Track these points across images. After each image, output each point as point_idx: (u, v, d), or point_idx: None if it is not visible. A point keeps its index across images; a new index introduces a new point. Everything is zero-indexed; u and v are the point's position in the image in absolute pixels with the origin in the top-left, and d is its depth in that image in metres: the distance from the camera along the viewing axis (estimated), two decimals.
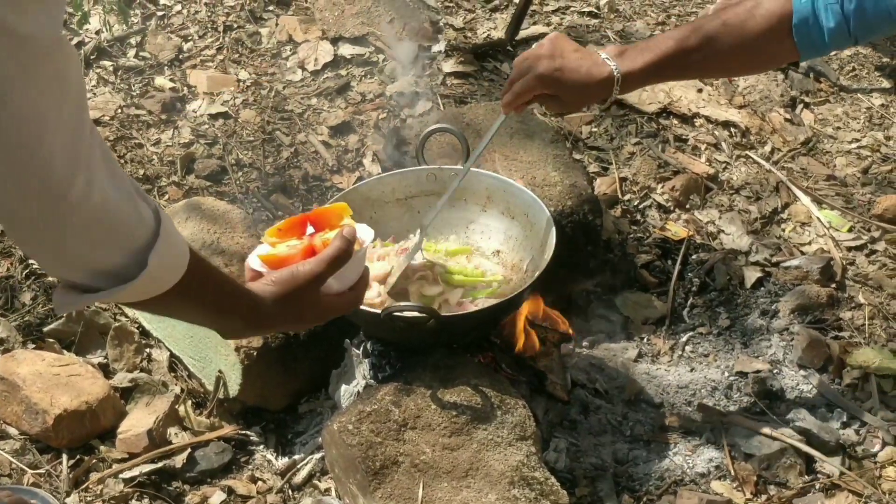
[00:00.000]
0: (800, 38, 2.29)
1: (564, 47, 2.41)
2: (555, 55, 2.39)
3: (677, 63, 2.38)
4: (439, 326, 2.34)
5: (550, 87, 2.39)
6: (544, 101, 2.47)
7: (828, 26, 2.26)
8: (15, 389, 2.60)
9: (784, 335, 3.02)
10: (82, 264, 1.46)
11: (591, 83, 2.37)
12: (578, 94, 2.42)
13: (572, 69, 2.38)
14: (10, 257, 3.01)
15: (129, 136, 3.44)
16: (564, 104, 2.48)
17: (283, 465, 2.65)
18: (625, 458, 2.67)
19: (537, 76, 2.39)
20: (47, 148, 1.32)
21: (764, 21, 2.31)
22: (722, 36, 2.34)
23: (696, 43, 2.35)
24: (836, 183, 3.59)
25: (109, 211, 1.42)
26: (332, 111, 3.62)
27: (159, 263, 1.49)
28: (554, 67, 2.37)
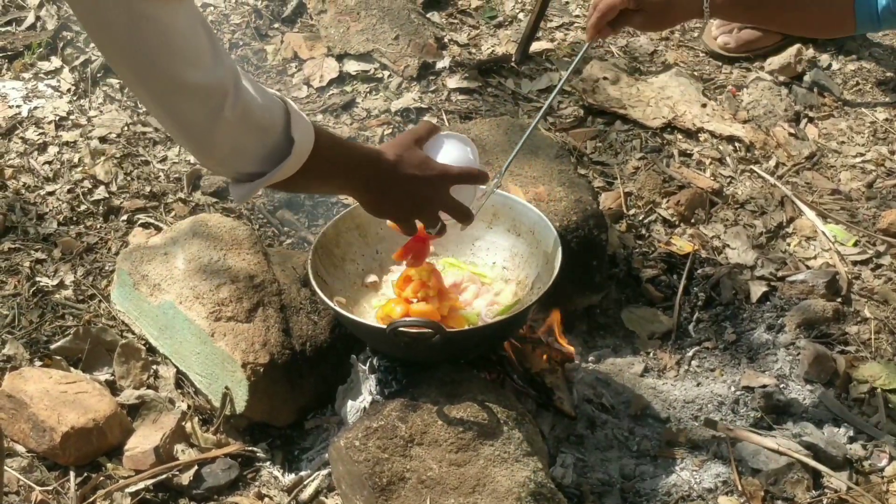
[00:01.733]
0: (860, 8, 2.35)
1: None
2: None
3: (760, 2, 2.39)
4: (444, 342, 2.35)
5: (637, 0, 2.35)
6: (629, 19, 2.41)
7: (881, 3, 2.32)
8: (22, 407, 2.61)
9: (790, 350, 3.02)
10: (249, 156, 1.83)
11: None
12: (665, 9, 2.38)
13: None
14: (18, 275, 3.02)
15: (135, 153, 3.45)
16: (651, 19, 2.42)
17: (290, 481, 2.65)
18: (632, 474, 2.67)
19: None
20: (204, 59, 1.70)
21: None
22: None
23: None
24: (841, 197, 3.59)
25: (256, 106, 1.78)
26: (337, 127, 3.63)
27: (300, 137, 1.85)
28: None
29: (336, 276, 2.67)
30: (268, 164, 1.85)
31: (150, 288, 2.81)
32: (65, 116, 3.55)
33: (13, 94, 3.61)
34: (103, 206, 3.27)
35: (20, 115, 3.53)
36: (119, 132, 3.51)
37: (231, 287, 2.74)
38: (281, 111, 1.85)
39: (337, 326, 2.79)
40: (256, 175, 1.87)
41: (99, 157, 3.40)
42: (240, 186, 1.90)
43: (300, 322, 2.78)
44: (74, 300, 3.00)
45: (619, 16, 2.39)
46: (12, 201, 3.22)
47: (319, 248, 2.64)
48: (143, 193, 3.32)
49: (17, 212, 3.20)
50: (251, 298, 2.74)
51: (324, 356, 2.77)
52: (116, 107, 3.62)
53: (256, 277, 2.78)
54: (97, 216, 3.25)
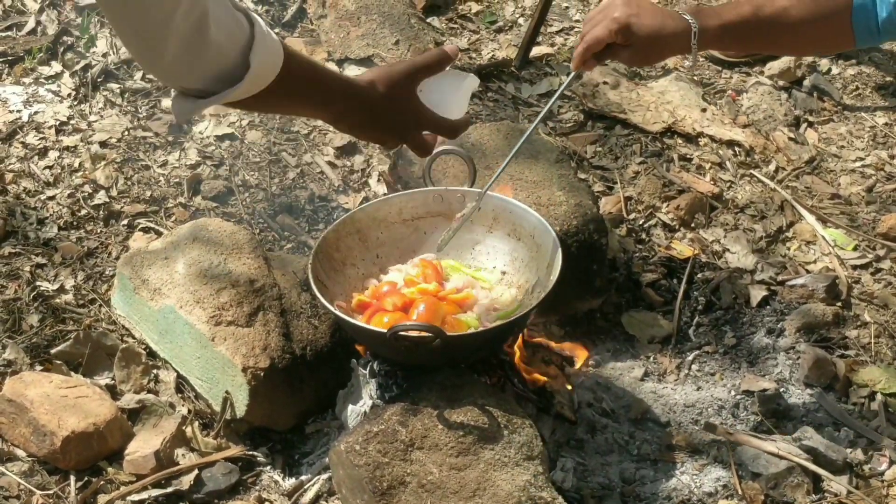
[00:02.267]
0: (857, 23, 2.34)
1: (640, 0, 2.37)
2: (630, 3, 2.34)
3: (751, 29, 2.38)
4: (445, 346, 2.35)
5: (624, 35, 2.34)
6: (617, 54, 2.41)
7: (881, 16, 2.31)
8: (23, 411, 2.61)
9: (790, 354, 3.03)
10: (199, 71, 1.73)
11: (667, 33, 2.34)
12: (653, 44, 2.37)
13: (649, 16, 2.33)
14: (18, 279, 3.02)
15: (135, 157, 3.45)
16: (638, 54, 2.41)
17: (290, 485, 2.65)
18: (632, 478, 2.67)
19: (613, 19, 2.33)
20: None
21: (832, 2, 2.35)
22: (794, 8, 2.35)
23: (771, 12, 2.36)
24: (841, 201, 3.60)
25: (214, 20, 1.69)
26: (337, 132, 3.63)
27: (260, 62, 1.76)
28: (630, 13, 2.33)
29: (336, 281, 2.67)
30: (219, 84, 1.76)
31: (150, 292, 2.82)
32: (65, 121, 3.55)
33: (14, 98, 3.61)
34: (104, 211, 3.27)
35: (21, 120, 3.53)
36: (119, 137, 3.51)
37: (231, 291, 2.74)
38: (243, 32, 1.76)
39: (337, 331, 2.79)
40: (205, 93, 1.77)
41: (99, 161, 3.41)
42: (184, 101, 1.80)
43: (300, 326, 2.78)
44: (75, 305, 3.00)
45: (605, 49, 2.39)
46: (13, 206, 3.22)
47: (320, 253, 2.64)
48: (144, 198, 3.32)
49: (18, 216, 3.20)
50: (251, 303, 2.74)
51: (324, 360, 2.77)
52: (117, 111, 3.62)
53: (257, 282, 2.78)
54: (98, 221, 3.25)
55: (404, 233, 2.80)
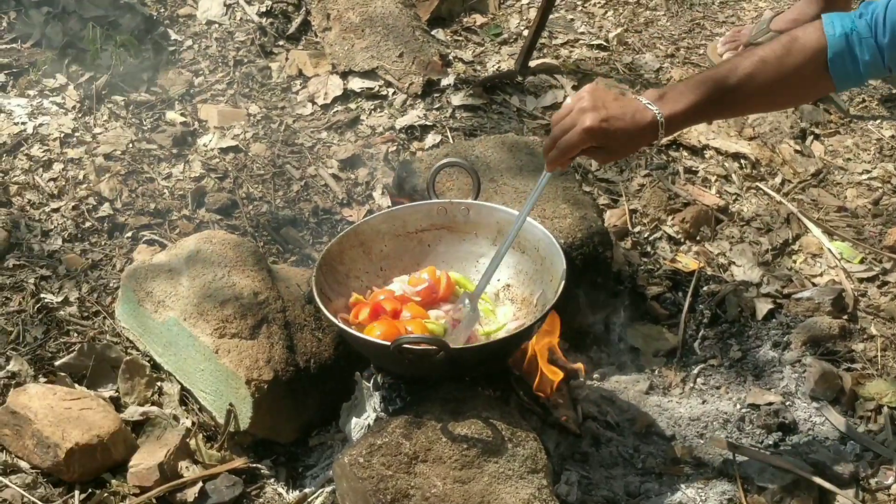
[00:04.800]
0: (835, 71, 2.32)
1: (605, 97, 2.36)
2: (598, 106, 2.33)
3: (717, 103, 2.36)
4: (449, 359, 2.34)
5: (598, 139, 2.34)
6: (590, 154, 2.42)
7: (863, 59, 2.30)
8: (27, 423, 2.61)
9: (796, 367, 3.02)
10: None
11: (637, 130, 2.33)
12: (626, 143, 2.38)
13: (618, 117, 2.33)
14: (22, 291, 3.02)
15: (140, 170, 3.46)
16: (611, 154, 2.43)
17: (294, 498, 2.65)
18: (636, 491, 2.65)
19: (585, 129, 2.32)
20: None
21: (801, 56, 2.33)
22: (760, 73, 2.34)
23: (735, 82, 2.35)
24: (847, 214, 3.59)
25: None
26: (341, 144, 3.64)
27: None
28: (600, 119, 2.32)
29: (340, 293, 2.67)
30: None
31: (154, 305, 2.81)
32: (70, 133, 3.56)
33: (18, 110, 3.62)
34: (108, 223, 3.27)
35: (25, 132, 3.54)
36: (124, 149, 3.52)
37: (235, 304, 2.74)
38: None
39: (341, 343, 2.79)
40: None
41: (104, 174, 3.41)
42: None
43: (304, 339, 2.78)
44: (79, 317, 3.00)
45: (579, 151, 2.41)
46: (17, 218, 3.23)
47: (323, 265, 2.64)
48: (148, 210, 3.33)
49: (22, 228, 3.20)
50: (255, 315, 2.74)
51: (328, 373, 2.77)
52: (121, 124, 3.62)
53: (261, 294, 2.78)
54: (102, 233, 3.25)
55: (408, 245, 2.80)
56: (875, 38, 2.28)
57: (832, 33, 2.30)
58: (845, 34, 2.29)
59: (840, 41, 2.29)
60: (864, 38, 2.28)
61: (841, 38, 2.29)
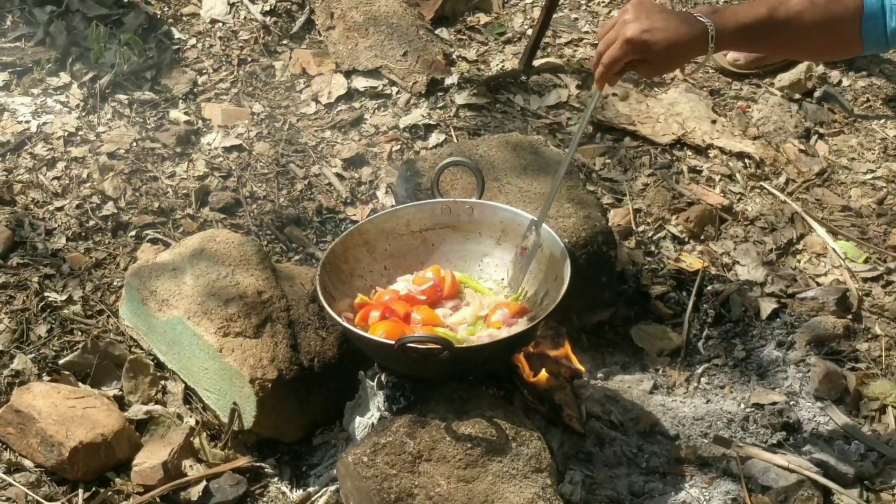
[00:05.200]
0: (867, 31, 2.34)
1: (650, 8, 2.32)
2: (640, 17, 2.30)
3: (767, 30, 2.35)
4: (453, 358, 2.34)
5: (641, 51, 2.31)
6: (636, 68, 2.37)
7: (891, 26, 2.32)
8: (31, 422, 2.61)
9: (800, 367, 3.01)
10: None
11: (683, 41, 2.30)
12: (671, 54, 2.34)
13: (661, 28, 2.29)
14: (26, 290, 3.02)
15: (144, 169, 3.46)
16: (657, 66, 2.39)
17: (298, 497, 2.65)
18: (640, 491, 2.65)
19: (626, 40, 2.29)
20: None
21: (844, 7, 2.34)
22: (808, 12, 2.34)
23: (785, 14, 2.34)
24: (852, 214, 3.59)
25: None
26: (345, 143, 3.64)
27: None
28: (642, 29, 2.28)
29: (344, 292, 2.66)
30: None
31: (158, 303, 2.81)
32: (73, 132, 3.56)
33: (22, 109, 3.62)
34: (112, 222, 3.27)
35: (29, 131, 3.54)
36: (127, 148, 3.52)
37: (239, 303, 2.74)
38: None
39: (345, 342, 2.79)
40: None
41: (107, 172, 3.41)
42: None
43: (308, 338, 2.78)
44: (83, 315, 3.00)
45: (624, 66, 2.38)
46: (21, 216, 3.23)
47: (327, 264, 2.63)
48: (152, 209, 3.33)
49: (26, 227, 3.20)
50: (259, 314, 2.74)
51: (332, 372, 2.77)
52: (125, 123, 3.63)
53: (264, 293, 2.78)
54: (105, 232, 3.25)
55: (412, 244, 2.79)
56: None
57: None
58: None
59: (876, 3, 2.32)
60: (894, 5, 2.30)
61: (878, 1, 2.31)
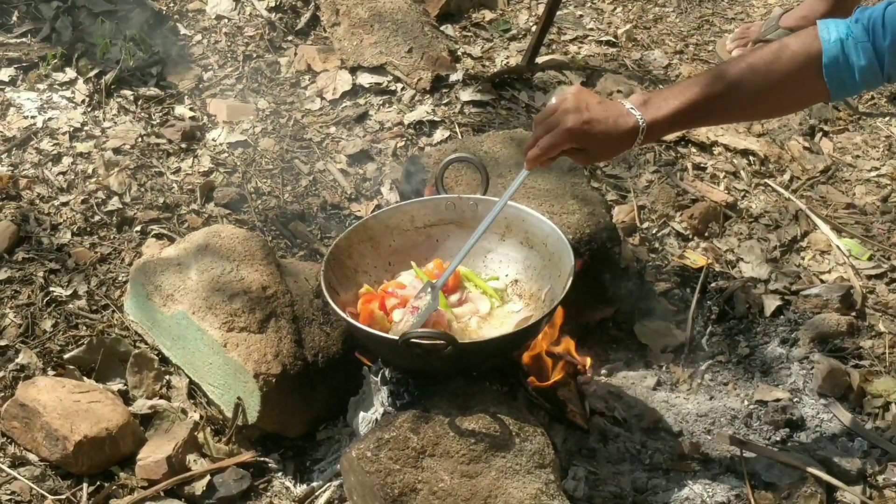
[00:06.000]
0: (830, 77, 2.27)
1: (589, 100, 2.36)
2: (581, 108, 2.34)
3: (702, 109, 2.35)
4: (456, 353, 2.34)
5: (579, 141, 2.35)
6: (571, 155, 2.43)
7: (859, 64, 2.25)
8: (35, 416, 2.61)
9: (804, 364, 3.01)
10: None
11: (619, 134, 2.33)
12: (606, 146, 2.38)
13: (599, 121, 2.33)
14: (31, 285, 3.02)
15: (149, 164, 3.46)
16: (592, 156, 2.44)
17: (302, 492, 2.65)
18: (644, 487, 2.65)
19: (566, 130, 2.34)
20: None
21: (791, 62, 2.29)
22: (747, 80, 2.31)
23: (722, 88, 2.32)
24: (856, 211, 3.59)
25: None
26: (350, 140, 3.64)
27: None
28: (582, 120, 2.33)
29: (349, 288, 2.67)
30: None
31: (163, 298, 2.82)
32: (79, 127, 3.56)
33: (28, 104, 3.63)
34: (117, 217, 3.27)
35: (35, 126, 3.54)
36: (133, 143, 3.52)
37: (244, 298, 2.75)
38: None
39: (349, 338, 2.79)
40: None
41: (113, 168, 3.41)
42: None
43: (312, 333, 2.78)
44: (88, 310, 3.01)
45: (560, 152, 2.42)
46: (26, 211, 3.23)
47: (332, 260, 2.64)
48: (157, 205, 3.33)
49: (32, 222, 3.21)
50: (264, 309, 2.74)
51: (336, 367, 2.77)
52: (130, 118, 3.63)
53: (269, 288, 2.78)
54: (111, 227, 3.25)
55: (417, 240, 2.80)
56: (873, 42, 2.23)
57: (827, 38, 2.26)
58: (840, 40, 2.25)
59: (835, 46, 2.25)
60: (861, 43, 2.23)
61: (836, 43, 2.25)
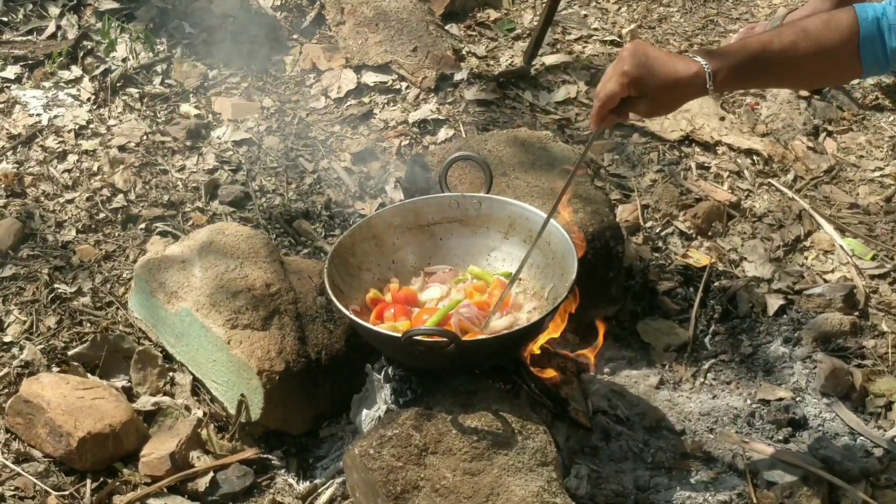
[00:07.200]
0: (865, 53, 2.31)
1: (647, 48, 2.32)
2: (637, 54, 2.30)
3: (761, 65, 2.34)
4: (459, 351, 2.35)
5: (637, 87, 2.30)
6: (634, 106, 2.36)
7: (891, 45, 2.29)
8: (39, 412, 2.62)
9: (807, 363, 3.02)
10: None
11: (680, 80, 2.29)
12: (668, 92, 2.33)
13: (658, 66, 2.29)
14: (36, 282, 3.03)
15: (154, 162, 3.47)
16: (655, 104, 2.36)
17: (305, 489, 2.66)
18: (646, 485, 2.66)
19: (623, 73, 2.29)
20: None
21: (838, 33, 2.32)
22: (802, 43, 2.32)
23: (779, 48, 2.32)
24: (859, 211, 3.59)
25: None
26: (354, 138, 3.65)
27: None
28: (638, 64, 2.28)
29: (352, 286, 2.67)
30: None
31: (167, 296, 2.83)
32: (84, 125, 3.57)
33: (33, 102, 3.64)
34: (122, 215, 3.28)
35: (40, 124, 3.56)
36: (138, 141, 3.53)
37: (247, 295, 2.75)
38: None
39: (352, 335, 2.79)
40: None
41: (118, 165, 3.42)
42: None
43: (316, 330, 2.79)
44: (92, 307, 3.01)
45: (622, 104, 2.36)
46: (31, 209, 3.24)
47: (336, 258, 2.64)
48: (162, 202, 3.34)
49: (37, 219, 3.22)
50: (267, 307, 2.75)
51: (339, 365, 2.78)
52: (136, 116, 3.64)
53: (273, 286, 2.79)
54: (115, 224, 3.26)
55: (420, 238, 2.80)
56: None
57: (864, 17, 2.30)
58: (877, 18, 2.29)
59: (871, 25, 2.29)
60: (893, 25, 2.28)
61: (873, 22, 2.29)
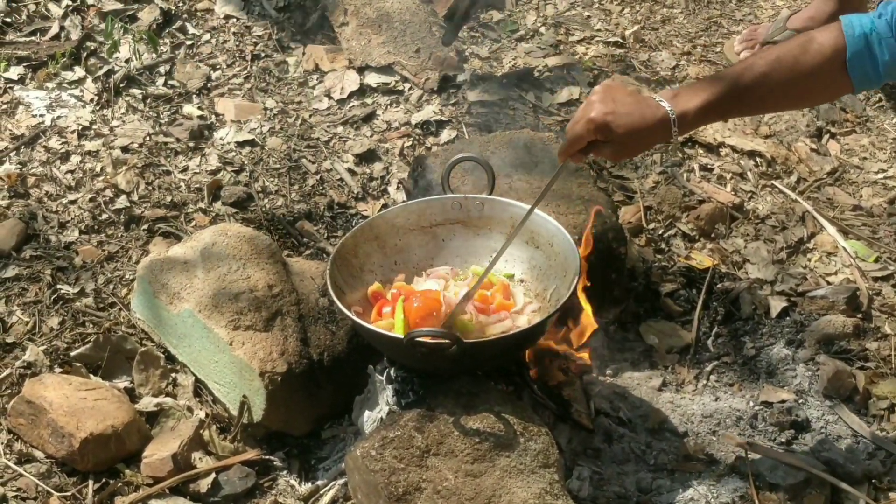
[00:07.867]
0: (854, 71, 2.30)
1: (616, 93, 2.35)
2: (606, 100, 2.34)
3: (732, 101, 2.35)
4: (461, 352, 2.35)
5: (603, 132, 2.33)
6: (600, 150, 2.40)
7: (882, 59, 2.27)
8: (42, 413, 2.62)
9: (809, 365, 3.01)
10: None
11: (646, 126, 2.32)
12: (633, 139, 2.35)
13: (625, 112, 2.32)
14: (39, 282, 3.03)
15: (157, 163, 3.47)
16: (620, 150, 2.40)
17: (306, 490, 2.66)
18: (648, 487, 2.66)
19: (589, 120, 2.33)
20: None
21: (818, 55, 2.31)
22: (776, 72, 2.32)
23: (751, 80, 2.33)
24: (863, 213, 3.58)
25: None
26: (357, 139, 3.65)
27: None
28: (605, 111, 2.32)
29: (354, 287, 2.67)
30: None
31: (169, 297, 2.83)
32: (87, 126, 3.57)
33: (37, 103, 3.64)
34: (124, 216, 3.29)
35: (43, 124, 3.56)
36: (141, 142, 3.53)
37: (250, 296, 2.75)
38: None
39: (354, 336, 2.80)
40: None
41: (121, 166, 3.43)
42: None
43: (318, 332, 2.79)
44: (95, 308, 3.02)
45: (588, 145, 2.39)
46: (34, 209, 3.25)
47: (338, 259, 2.64)
48: (164, 203, 3.34)
49: (40, 220, 3.22)
50: (270, 308, 2.75)
51: (341, 366, 2.78)
52: (139, 117, 3.64)
53: (275, 287, 2.79)
54: (118, 225, 3.26)
55: (423, 240, 2.80)
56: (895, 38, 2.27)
57: (851, 33, 2.29)
58: (864, 34, 2.28)
59: (859, 41, 2.28)
60: (885, 38, 2.26)
61: (860, 38, 2.28)
